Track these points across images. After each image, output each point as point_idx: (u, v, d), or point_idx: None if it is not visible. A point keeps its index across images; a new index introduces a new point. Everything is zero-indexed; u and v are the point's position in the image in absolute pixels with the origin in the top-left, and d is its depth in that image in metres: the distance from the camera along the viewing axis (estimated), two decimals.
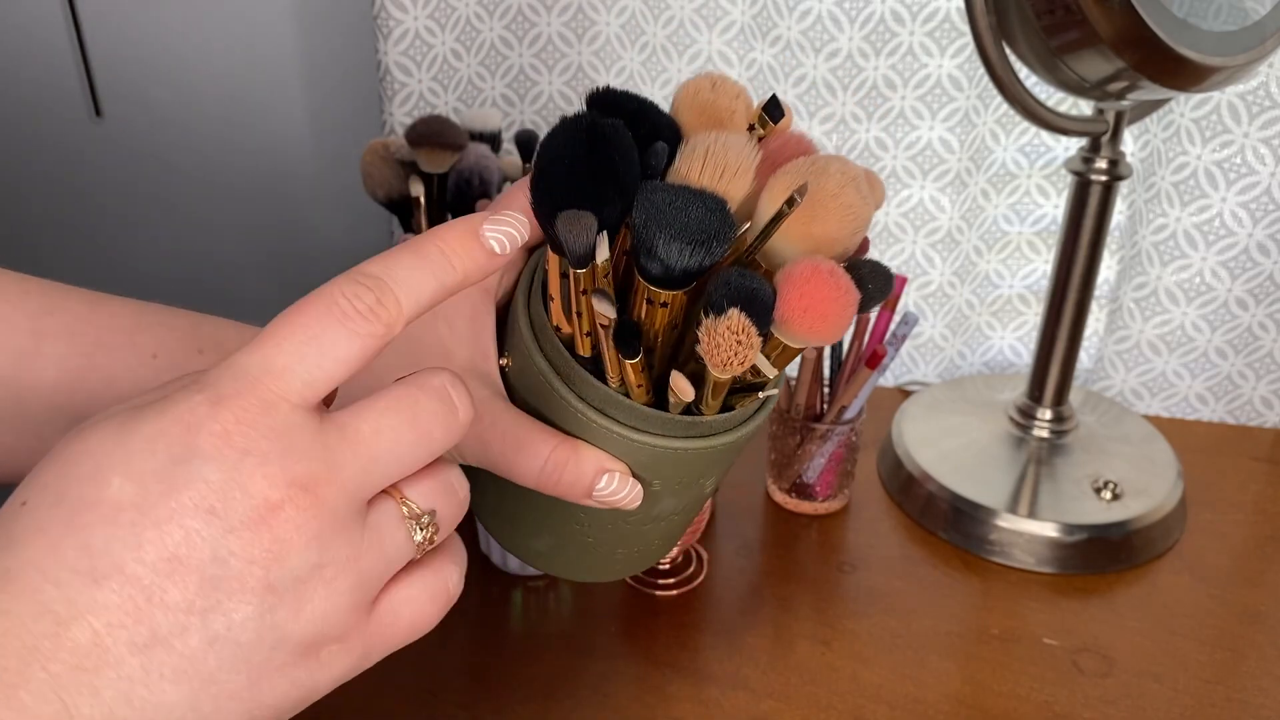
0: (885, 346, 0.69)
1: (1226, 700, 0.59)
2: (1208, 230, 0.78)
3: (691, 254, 0.34)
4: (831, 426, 0.70)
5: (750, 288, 0.35)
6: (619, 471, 0.37)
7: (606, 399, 0.37)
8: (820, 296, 0.35)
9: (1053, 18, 0.56)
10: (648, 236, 0.34)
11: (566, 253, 0.34)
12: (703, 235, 0.34)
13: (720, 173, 0.36)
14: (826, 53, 0.78)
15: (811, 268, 0.35)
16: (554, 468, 0.37)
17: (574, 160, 0.35)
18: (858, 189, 0.37)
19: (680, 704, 0.59)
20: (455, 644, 0.63)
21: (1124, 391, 0.87)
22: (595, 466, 0.37)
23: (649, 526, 0.42)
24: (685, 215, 0.34)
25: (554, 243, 0.35)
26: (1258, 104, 0.73)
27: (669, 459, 0.38)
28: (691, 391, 0.36)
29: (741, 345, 0.34)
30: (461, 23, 0.82)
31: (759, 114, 0.40)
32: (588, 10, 0.85)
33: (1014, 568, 0.69)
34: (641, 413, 0.37)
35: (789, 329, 0.36)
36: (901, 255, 0.86)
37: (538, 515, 0.42)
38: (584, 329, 0.37)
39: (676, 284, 0.35)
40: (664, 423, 0.37)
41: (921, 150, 0.81)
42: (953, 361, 0.92)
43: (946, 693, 0.60)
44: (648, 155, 0.36)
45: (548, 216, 0.35)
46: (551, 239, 0.35)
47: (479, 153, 0.72)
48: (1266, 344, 0.82)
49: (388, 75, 0.80)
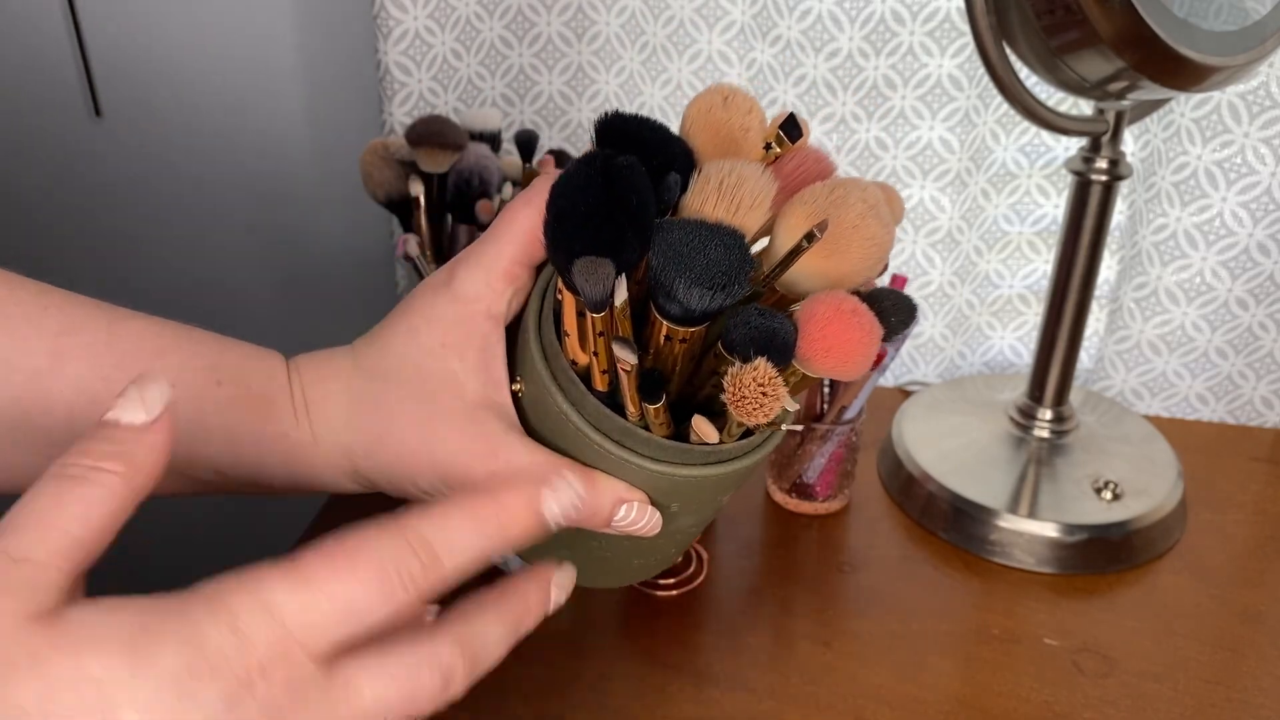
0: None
1: (1227, 700, 0.59)
2: (1208, 230, 0.78)
3: (712, 298, 0.33)
4: (831, 427, 0.70)
5: (771, 328, 0.34)
6: (637, 500, 0.37)
7: (625, 432, 0.37)
8: (843, 338, 0.34)
9: (1053, 17, 0.56)
10: (666, 280, 0.33)
11: (585, 298, 0.34)
12: (723, 279, 0.33)
13: (736, 207, 0.35)
14: (826, 52, 0.78)
15: (834, 308, 0.35)
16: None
17: (590, 203, 0.34)
18: (879, 217, 0.36)
19: (680, 704, 0.59)
20: None
21: (1124, 391, 0.87)
22: (614, 498, 0.36)
23: (664, 540, 0.42)
24: (704, 256, 0.33)
25: (571, 288, 0.35)
26: (1258, 104, 0.73)
27: (688, 485, 0.38)
28: (715, 435, 0.36)
29: (768, 398, 0.33)
30: (461, 22, 0.82)
31: (775, 132, 0.39)
32: (588, 10, 0.85)
33: (1014, 568, 0.69)
34: (660, 445, 0.37)
35: (811, 367, 0.35)
36: (901, 255, 0.86)
37: (554, 539, 0.42)
38: (601, 367, 0.36)
39: (695, 323, 0.35)
40: (683, 453, 0.37)
41: (921, 150, 0.81)
42: (953, 361, 0.92)
43: (947, 693, 0.60)
44: (661, 189, 0.36)
45: (565, 263, 0.34)
46: (569, 284, 0.35)
47: (479, 153, 0.72)
48: (1267, 344, 0.82)
49: (387, 75, 0.80)
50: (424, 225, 0.72)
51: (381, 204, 0.74)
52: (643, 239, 0.34)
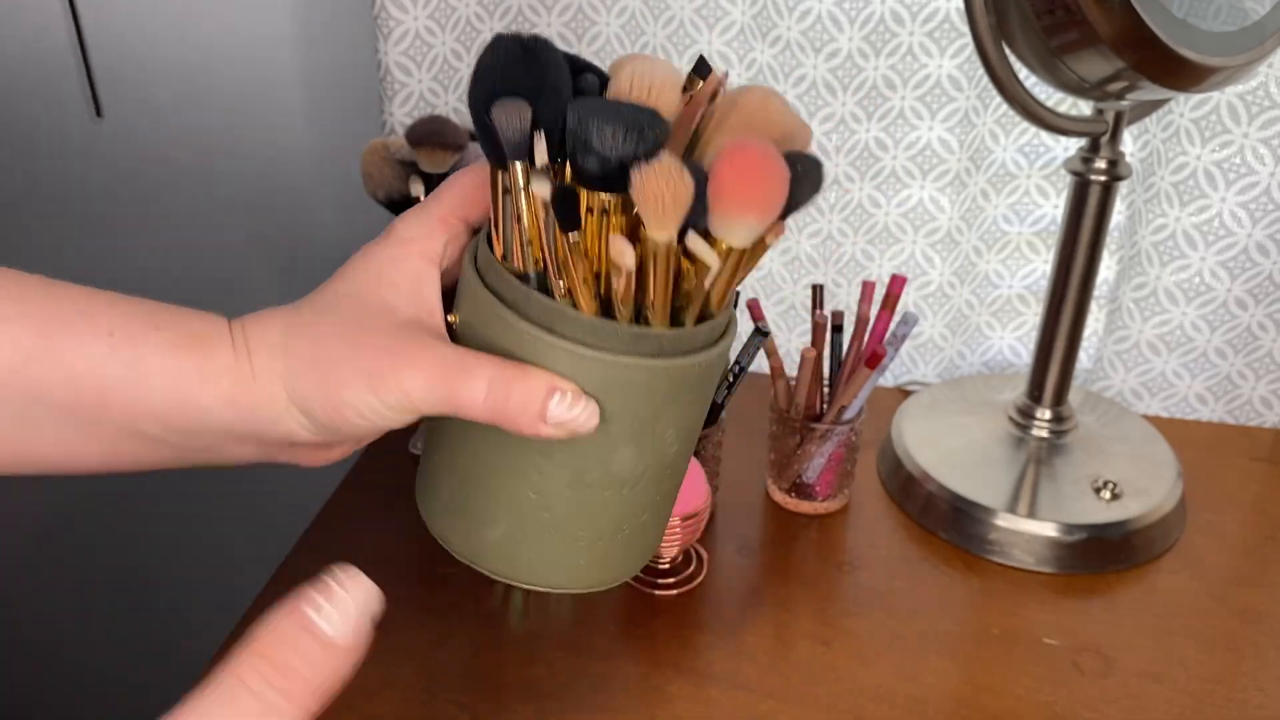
0: (885, 346, 0.69)
1: (1226, 700, 0.59)
2: (1207, 230, 0.78)
3: (625, 138, 0.35)
4: (831, 426, 0.70)
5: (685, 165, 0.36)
6: (570, 390, 0.36)
7: (551, 313, 0.37)
8: (750, 163, 0.35)
9: (1052, 18, 0.56)
10: (583, 131, 0.35)
11: (504, 143, 0.36)
12: (635, 123, 0.35)
13: (648, 90, 0.38)
14: (826, 53, 0.78)
15: (739, 141, 0.36)
16: (501, 388, 0.36)
17: (508, 64, 0.36)
18: (783, 103, 0.39)
19: (680, 703, 0.59)
20: (455, 644, 0.63)
21: (1123, 391, 0.87)
22: (545, 384, 0.36)
23: (610, 494, 0.40)
24: (617, 110, 0.35)
25: (491, 139, 0.36)
26: (1257, 104, 0.73)
27: (619, 380, 0.37)
28: (631, 255, 0.35)
29: (672, 182, 0.34)
30: (462, 23, 0.82)
31: (689, 78, 0.41)
32: (588, 11, 0.86)
33: (1014, 567, 0.69)
34: (587, 323, 0.37)
35: (724, 204, 0.36)
36: (901, 255, 0.86)
37: (487, 487, 0.40)
38: (526, 239, 0.37)
39: (615, 181, 0.35)
40: (611, 334, 0.37)
41: (921, 150, 0.81)
42: (952, 361, 0.92)
43: (946, 692, 0.60)
44: (578, 82, 0.38)
45: (483, 109, 0.36)
46: (488, 136, 0.36)
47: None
48: (1266, 344, 0.82)
49: (388, 75, 0.80)
50: None
51: (382, 204, 0.74)
52: (559, 101, 0.36)
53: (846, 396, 0.70)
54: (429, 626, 0.64)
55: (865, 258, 0.86)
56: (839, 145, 0.82)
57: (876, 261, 0.86)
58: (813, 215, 0.85)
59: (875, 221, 0.85)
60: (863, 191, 0.83)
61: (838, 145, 0.82)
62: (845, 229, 0.86)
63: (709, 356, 0.39)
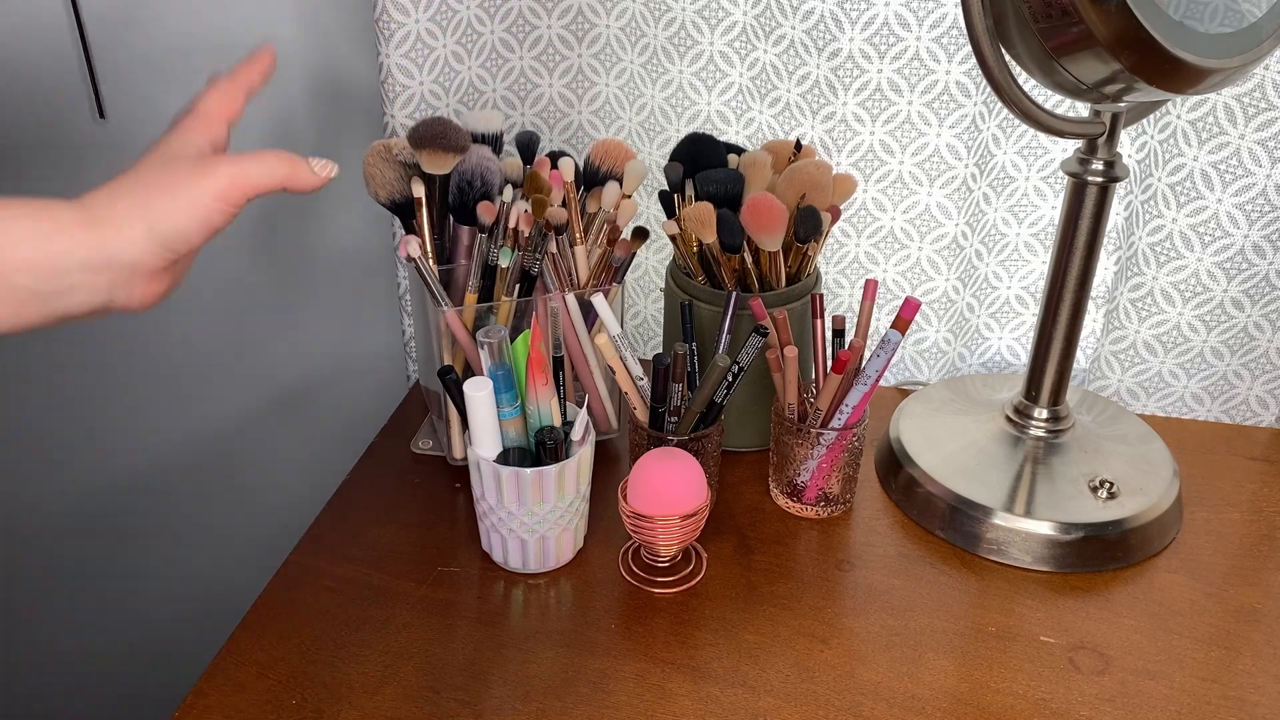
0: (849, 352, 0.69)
1: (1222, 698, 0.60)
2: (1204, 231, 0.79)
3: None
4: (820, 430, 0.71)
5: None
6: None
7: None
8: (758, 204, 0.71)
9: (1050, 20, 0.56)
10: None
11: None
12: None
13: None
14: (827, 53, 0.78)
15: (760, 193, 0.72)
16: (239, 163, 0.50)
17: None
18: (818, 166, 0.69)
19: (679, 701, 0.59)
20: (456, 641, 0.63)
21: (1120, 391, 0.88)
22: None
23: None
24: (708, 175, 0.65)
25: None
26: (1254, 106, 0.74)
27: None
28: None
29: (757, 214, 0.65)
30: (462, 25, 0.83)
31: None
32: (587, 13, 0.86)
33: (1011, 566, 0.70)
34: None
35: (748, 228, 0.72)
36: (907, 261, 0.86)
37: None
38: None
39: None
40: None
41: (929, 157, 0.81)
42: (954, 364, 0.92)
43: (944, 690, 0.60)
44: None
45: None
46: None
47: (481, 155, 0.73)
48: (1262, 344, 0.83)
49: (389, 77, 0.81)
50: (426, 226, 0.73)
51: (383, 205, 0.74)
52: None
53: (823, 400, 0.71)
54: (430, 624, 0.64)
55: (869, 260, 0.87)
56: (841, 145, 0.82)
57: (881, 265, 0.87)
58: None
59: (881, 226, 0.85)
60: (867, 194, 0.84)
61: (840, 145, 0.82)
62: (848, 229, 0.86)
63: None
